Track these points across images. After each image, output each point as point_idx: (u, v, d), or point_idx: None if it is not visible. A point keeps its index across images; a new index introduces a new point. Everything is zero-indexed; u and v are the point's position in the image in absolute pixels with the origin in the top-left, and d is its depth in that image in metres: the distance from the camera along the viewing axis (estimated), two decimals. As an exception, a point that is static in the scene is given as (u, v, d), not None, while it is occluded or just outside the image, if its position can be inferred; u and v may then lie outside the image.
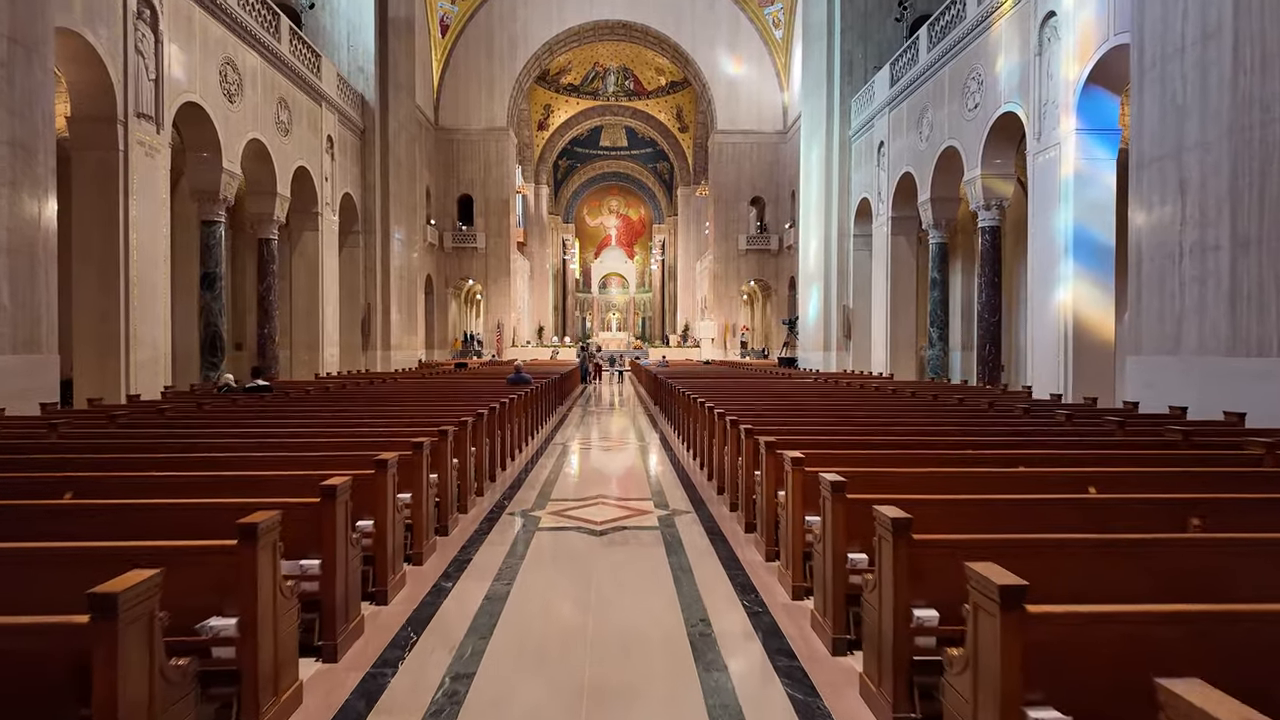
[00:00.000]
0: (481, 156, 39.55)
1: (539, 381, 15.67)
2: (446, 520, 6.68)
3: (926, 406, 10.27)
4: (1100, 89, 13.63)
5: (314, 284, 21.06)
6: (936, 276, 19.45)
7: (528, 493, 8.53)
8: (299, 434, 7.27)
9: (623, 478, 9.71)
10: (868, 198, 23.11)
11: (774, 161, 40.22)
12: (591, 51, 45.44)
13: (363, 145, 24.14)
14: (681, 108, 48.18)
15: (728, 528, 6.92)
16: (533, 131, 48.67)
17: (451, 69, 39.06)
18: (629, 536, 6.60)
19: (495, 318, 40.27)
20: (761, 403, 10.85)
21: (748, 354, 39.81)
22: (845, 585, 4.17)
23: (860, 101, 23.64)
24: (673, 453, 11.85)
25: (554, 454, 11.58)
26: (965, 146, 17.54)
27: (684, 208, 51.62)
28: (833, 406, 10.39)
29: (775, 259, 40.14)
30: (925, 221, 19.60)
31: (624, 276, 59.53)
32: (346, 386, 14.24)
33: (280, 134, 18.99)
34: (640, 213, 60.35)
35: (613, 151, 55.33)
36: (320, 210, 21.11)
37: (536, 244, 51.79)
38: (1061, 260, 14.11)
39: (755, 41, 39.67)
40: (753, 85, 39.84)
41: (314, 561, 4.14)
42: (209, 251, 16.67)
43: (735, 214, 40.67)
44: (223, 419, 8.74)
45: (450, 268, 39.50)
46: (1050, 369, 14.45)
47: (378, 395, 12.52)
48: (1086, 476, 4.99)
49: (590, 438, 13.93)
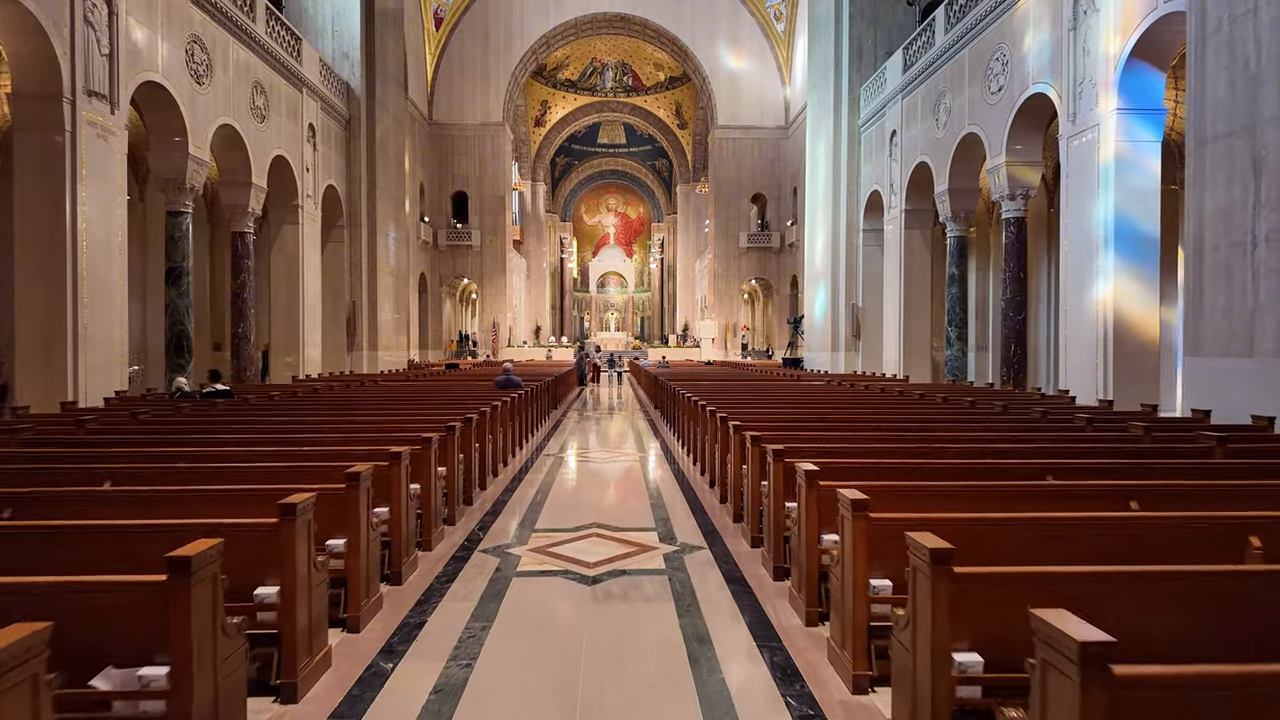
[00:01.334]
0: (477, 152, 38.14)
1: (531, 384, 14.30)
2: (400, 564, 5.29)
3: (975, 416, 8.89)
4: (1144, 64, 12.26)
5: (294, 281, 19.65)
6: (955, 272, 18.08)
7: (509, 520, 7.13)
8: (224, 457, 5.89)
9: (620, 498, 8.32)
10: (879, 190, 21.73)
11: (775, 157, 38.85)
12: (589, 46, 44.02)
13: (348, 136, 22.71)
14: (681, 104, 46.80)
15: (750, 570, 5.54)
16: (529, 128, 47.27)
17: (446, 63, 37.65)
18: (629, 586, 5.21)
19: (491, 317, 38.86)
20: (778, 410, 9.47)
21: (749, 354, 38.42)
22: (951, 695, 2.80)
23: (870, 90, 22.26)
24: (676, 464, 10.47)
25: (544, 466, 10.19)
26: (987, 132, 16.17)
27: (683, 205, 50.24)
28: (869, 417, 9.00)
29: (777, 257, 38.78)
30: (943, 214, 18.23)
31: (622, 276, 58.13)
32: (318, 391, 12.85)
33: (255, 120, 17.58)
34: (639, 211, 58.96)
35: (611, 149, 53.93)
36: (301, 203, 19.70)
37: (534, 242, 50.40)
38: (1100, 253, 12.75)
39: (756, 35, 38.28)
40: (754, 79, 38.47)
41: (159, 670, 2.76)
42: (175, 244, 15.27)
43: (736, 211, 39.29)
44: (148, 434, 7.36)
45: (445, 266, 38.10)
46: (1086, 372, 13.08)
47: (348, 401, 11.13)
48: (1246, 523, 3.63)
49: (586, 446, 12.55)
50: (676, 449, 12.04)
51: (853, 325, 22.64)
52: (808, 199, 25.88)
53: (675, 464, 10.48)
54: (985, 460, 5.58)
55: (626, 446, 12.53)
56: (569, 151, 52.86)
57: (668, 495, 8.35)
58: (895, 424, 8.18)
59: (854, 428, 7.77)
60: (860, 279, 22.66)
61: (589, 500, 8.13)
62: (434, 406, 10.03)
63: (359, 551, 4.45)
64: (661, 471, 9.94)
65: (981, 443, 6.49)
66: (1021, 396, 12.46)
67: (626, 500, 8.15)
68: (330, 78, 21.57)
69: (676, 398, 13.18)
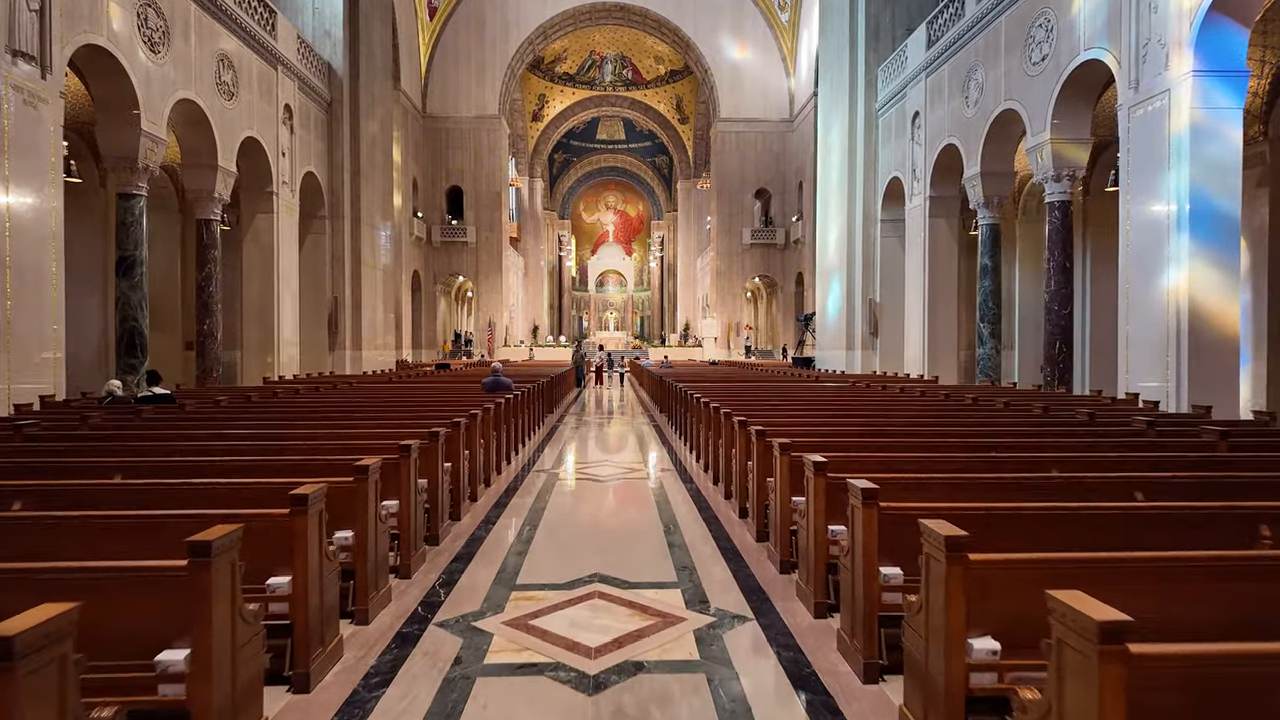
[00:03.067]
0: (472, 146, 36.33)
1: (523, 386, 12.51)
2: (309, 659, 3.49)
3: (1091, 435, 7.09)
4: (1225, 19, 10.48)
5: (269, 274, 17.82)
6: (987, 263, 16.30)
7: (481, 571, 5.32)
8: (82, 499, 4.12)
9: (628, 535, 6.53)
10: (899, 177, 19.94)
11: (780, 151, 37.09)
12: (588, 38, 42.24)
13: (330, 120, 20.87)
14: (681, 98, 45.02)
15: (823, 662, 3.75)
16: (526, 123, 45.46)
17: (440, 53, 35.85)
18: (649, 696, 3.41)
19: (487, 316, 37.03)
20: (814, 419, 7.71)
21: (753, 354, 36.62)
22: None
23: (889, 70, 20.47)
24: (690, 481, 8.68)
25: (535, 486, 8.38)
26: (1028, 107, 14.39)
27: (684, 202, 48.43)
28: (930, 426, 7.21)
29: (781, 254, 37.01)
30: (973, 200, 16.45)
31: (622, 274, 56.30)
32: (278, 395, 11.04)
33: (222, 97, 15.76)
34: (639, 209, 57.13)
35: (610, 145, 52.11)
36: (276, 190, 17.87)
37: (531, 240, 48.59)
38: (1172, 236, 10.96)
39: (760, 25, 36.52)
40: (757, 71, 36.71)
41: None
42: (126, 230, 13.47)
43: (739, 207, 37.51)
44: (40, 451, 5.57)
45: (439, 263, 36.30)
46: (1153, 371, 11.31)
47: (306, 409, 9.33)
48: None
49: (584, 458, 10.75)
50: (688, 460, 10.26)
51: (870, 322, 20.85)
52: (820, 189, 24.08)
53: (690, 481, 8.70)
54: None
55: (630, 458, 10.74)
56: (567, 148, 51.06)
57: (687, 528, 6.56)
58: (963, 433, 6.42)
59: (918, 441, 6.02)
60: (878, 272, 20.87)
61: (588, 538, 6.31)
62: (405, 415, 8.25)
63: (210, 673, 2.66)
64: (675, 492, 8.15)
65: (1122, 475, 4.72)
66: (1089, 401, 10.66)
67: (636, 538, 6.35)
68: (310, 57, 19.75)
69: (688, 402, 11.39)
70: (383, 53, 23.37)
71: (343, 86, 20.90)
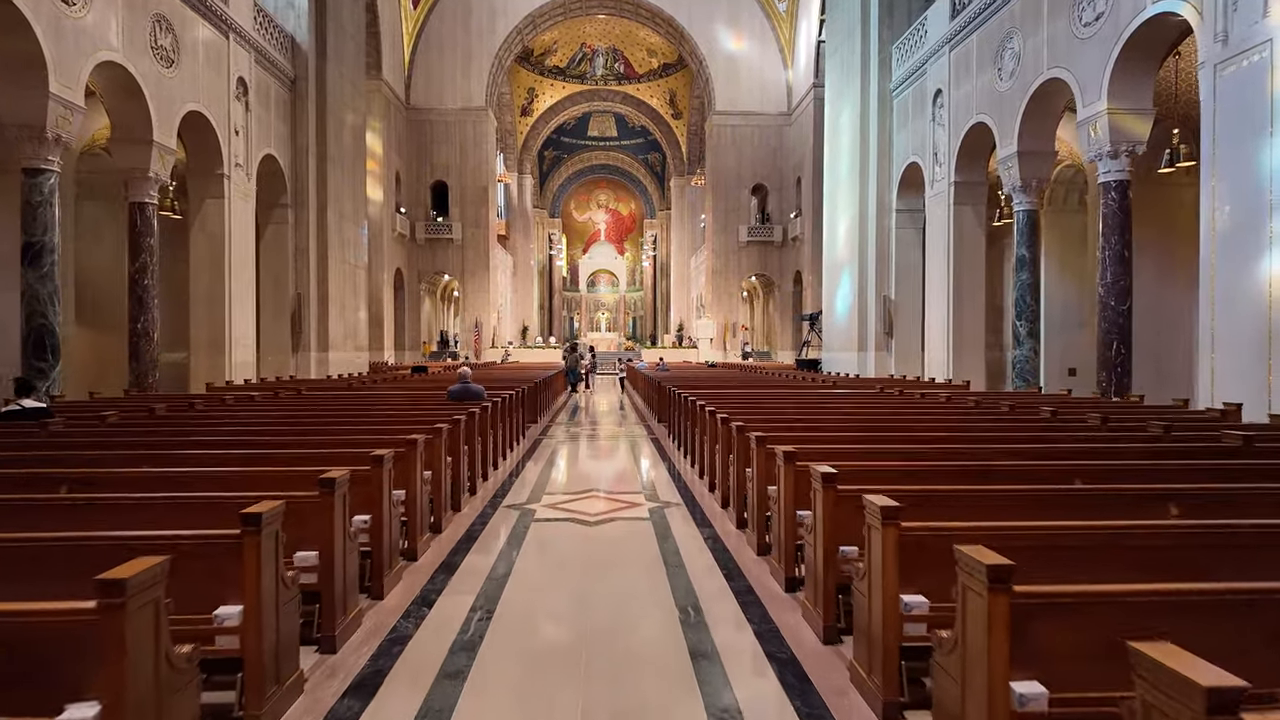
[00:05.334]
0: (457, 139, 34.14)
1: (499, 394, 10.37)
2: None
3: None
4: (1345, -49, 8.51)
5: (219, 266, 15.58)
6: (1025, 254, 14.26)
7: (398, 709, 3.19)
8: None
9: (628, 645, 4.39)
10: (917, 162, 17.90)
11: (778, 146, 35.06)
12: (579, 30, 40.11)
13: (293, 99, 18.62)
14: (675, 92, 42.93)
15: None
16: (515, 117, 43.26)
17: (424, 43, 33.64)
18: None
19: (474, 316, 34.79)
20: (846, 435, 5.66)
21: (750, 356, 34.54)
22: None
23: (905, 47, 18.44)
24: (706, 523, 6.54)
25: (496, 541, 6.19)
26: (1079, 75, 12.37)
27: (678, 200, 46.33)
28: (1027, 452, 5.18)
29: (779, 251, 34.99)
30: (1007, 183, 14.41)
31: (614, 274, 54.12)
32: (194, 406, 8.83)
33: (159, 63, 13.53)
34: (631, 207, 54.97)
35: (601, 142, 49.95)
36: (228, 172, 15.64)
37: (520, 238, 46.37)
38: (1274, 215, 8.96)
39: (757, 15, 34.47)
40: (754, 63, 34.66)
41: None
42: (33, 212, 11.20)
43: (735, 203, 35.44)
44: None
45: (424, 261, 34.09)
46: (1244, 377, 9.29)
47: (217, 427, 7.16)
48: None
49: (568, 486, 8.60)
50: (694, 483, 8.14)
51: (884, 321, 18.79)
52: (827, 178, 22.02)
53: (705, 523, 6.55)
54: None
55: (626, 484, 8.58)
56: (558, 144, 48.87)
57: (716, 616, 4.42)
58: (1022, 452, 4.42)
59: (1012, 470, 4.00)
60: (893, 267, 18.81)
61: (566, 653, 4.11)
62: (341, 435, 6.11)
63: None
64: (687, 541, 6.01)
65: None
66: (1167, 412, 8.60)
67: (642, 649, 4.20)
68: (269, 28, 17.51)
69: (693, 413, 9.28)
70: (355, 29, 21.17)
71: (308, 63, 18.66)
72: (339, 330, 19.78)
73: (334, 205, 19.54)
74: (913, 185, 18.36)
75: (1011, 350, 14.73)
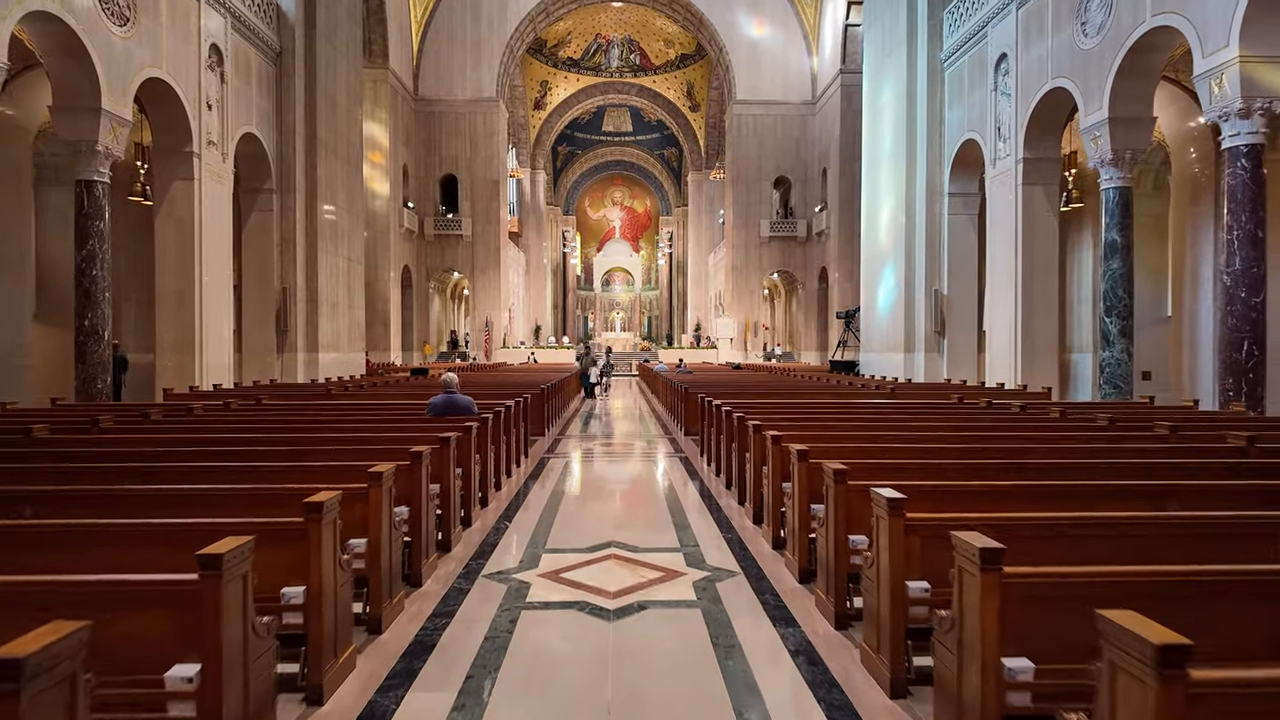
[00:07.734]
0: (467, 131, 32.09)
1: (497, 404, 8.20)
2: None
3: None
4: None
5: (188, 256, 13.54)
6: (1116, 239, 11.88)
7: None
8: None
9: None
10: (974, 138, 15.54)
11: (801, 136, 32.73)
12: (593, 19, 37.95)
13: (279, 74, 16.54)
14: (693, 84, 40.66)
15: None
16: (528, 111, 41.15)
17: (433, 32, 31.63)
18: None
19: (484, 315, 32.72)
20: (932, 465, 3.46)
21: (772, 357, 32.22)
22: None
23: (959, 12, 16.07)
24: (777, 597, 4.36)
25: (473, 638, 4.05)
26: (1198, 21, 9.99)
27: (695, 195, 44.05)
28: None
29: (803, 247, 32.66)
30: (1094, 156, 12.02)
31: (629, 272, 51.90)
32: (99, 423, 6.70)
33: (111, 20, 11.47)
34: (646, 204, 52.73)
35: (616, 137, 47.76)
36: (198, 150, 13.59)
37: (533, 235, 44.30)
38: None
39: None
40: (777, 49, 32.36)
41: None
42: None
43: (756, 196, 33.13)
44: None
45: (433, 258, 32.10)
46: None
47: (128, 455, 5.03)
48: None
49: (579, 536, 6.40)
50: (755, 541, 5.90)
51: (936, 318, 16.43)
52: (866, 163, 19.68)
53: (786, 615, 4.30)
54: None
55: (655, 534, 6.33)
56: (571, 140, 46.75)
57: None
58: None
59: None
60: (945, 257, 16.45)
61: None
62: (280, 473, 3.97)
63: None
64: (766, 658, 3.79)
65: None
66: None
67: None
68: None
69: (742, 434, 7.06)
70: (351, 2, 19.08)
71: (295, 34, 16.58)
72: (330, 330, 17.69)
73: (325, 193, 17.46)
74: (968, 166, 16.01)
75: (1099, 351, 12.36)
